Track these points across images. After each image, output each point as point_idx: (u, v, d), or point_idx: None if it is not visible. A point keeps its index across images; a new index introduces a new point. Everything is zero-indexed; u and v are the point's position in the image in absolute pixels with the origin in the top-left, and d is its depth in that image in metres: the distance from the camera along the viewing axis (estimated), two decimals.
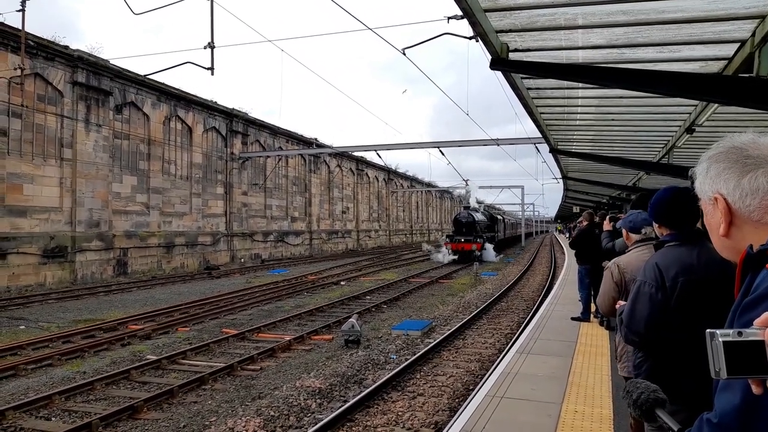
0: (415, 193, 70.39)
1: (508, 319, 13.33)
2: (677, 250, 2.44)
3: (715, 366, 0.87)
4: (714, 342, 0.88)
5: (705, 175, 1.21)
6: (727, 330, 0.88)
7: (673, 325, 2.30)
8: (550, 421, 4.98)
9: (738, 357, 0.86)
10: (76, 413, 7.05)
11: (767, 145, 1.14)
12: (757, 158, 1.13)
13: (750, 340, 0.86)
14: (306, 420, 6.64)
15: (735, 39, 4.86)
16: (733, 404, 0.97)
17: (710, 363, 0.88)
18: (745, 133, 1.19)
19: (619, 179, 17.87)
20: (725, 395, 0.99)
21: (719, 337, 0.87)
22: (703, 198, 1.24)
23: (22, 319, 13.67)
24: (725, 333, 0.87)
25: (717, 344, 0.87)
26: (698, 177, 1.25)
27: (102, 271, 21.86)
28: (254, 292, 18.32)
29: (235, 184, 31.64)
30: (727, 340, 0.87)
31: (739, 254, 1.10)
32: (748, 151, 1.14)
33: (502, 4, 4.58)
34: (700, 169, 1.25)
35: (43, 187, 19.97)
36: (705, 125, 7.85)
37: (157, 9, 12.13)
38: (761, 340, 0.85)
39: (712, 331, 0.89)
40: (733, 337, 0.86)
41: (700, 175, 1.24)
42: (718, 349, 0.87)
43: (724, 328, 0.90)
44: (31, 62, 19.08)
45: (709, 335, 0.89)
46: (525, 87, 7.27)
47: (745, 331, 0.87)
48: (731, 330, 0.87)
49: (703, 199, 1.25)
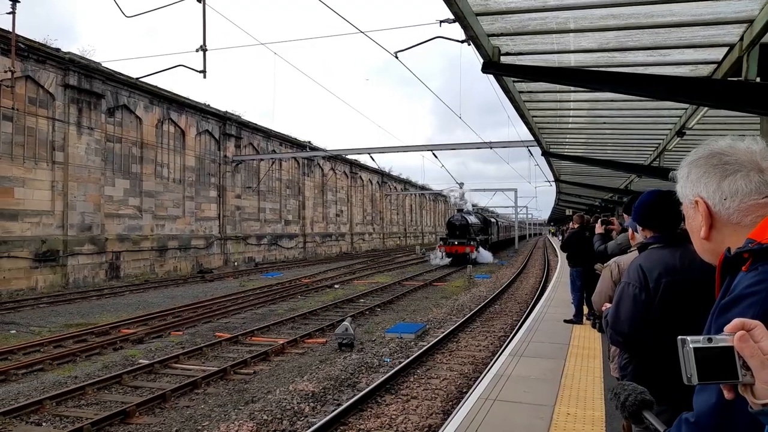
0: (408, 196, 70.44)
1: (502, 322, 13.36)
2: (660, 252, 2.48)
3: (687, 372, 0.88)
4: (685, 348, 0.88)
5: (686, 179, 1.23)
6: (698, 337, 0.88)
7: (656, 326, 2.33)
8: (543, 424, 4.99)
9: (708, 363, 0.87)
10: (67, 418, 7.00)
11: (745, 150, 1.16)
12: (735, 163, 1.15)
13: (720, 347, 0.87)
14: (299, 424, 6.62)
15: (724, 43, 4.91)
16: (709, 404, 0.99)
17: (682, 369, 0.89)
18: (724, 138, 1.21)
19: (611, 182, 17.98)
20: (702, 396, 1.01)
21: (690, 343, 0.88)
22: (685, 201, 1.26)
23: (13, 323, 13.55)
24: (695, 339, 0.88)
25: (688, 350, 0.88)
26: (679, 181, 1.27)
27: (94, 275, 21.72)
28: (248, 296, 18.26)
29: (229, 187, 31.55)
30: (697, 346, 0.87)
31: (719, 257, 1.12)
32: (727, 156, 1.17)
33: (494, 7, 4.60)
34: (681, 173, 1.26)
35: (34, 190, 19.83)
36: (695, 128, 7.92)
37: (149, 12, 12.10)
38: (731, 346, 0.86)
39: (683, 338, 0.89)
40: (703, 344, 0.87)
41: (681, 179, 1.26)
42: (689, 355, 0.87)
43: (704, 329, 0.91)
44: (22, 65, 18.97)
45: (680, 342, 0.90)
46: (517, 90, 7.30)
47: (714, 337, 0.87)
48: (701, 336, 0.88)
49: (684, 202, 1.27)
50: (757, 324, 0.88)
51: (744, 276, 1.03)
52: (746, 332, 0.86)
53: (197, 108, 29.13)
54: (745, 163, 1.15)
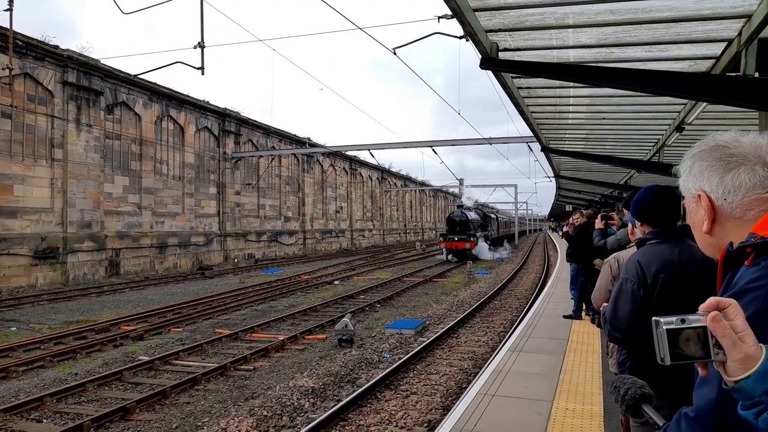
0: (408, 192, 70.41)
1: (501, 317, 13.38)
2: (659, 247, 2.47)
3: (660, 353, 0.90)
4: (659, 330, 0.90)
5: (689, 173, 1.21)
6: (671, 318, 0.89)
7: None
8: (541, 419, 5.01)
9: (681, 343, 0.88)
10: (67, 415, 7.02)
11: (749, 144, 1.15)
12: (739, 156, 1.13)
13: (693, 327, 0.88)
14: (299, 420, 6.64)
15: (722, 38, 4.90)
16: (709, 399, 0.98)
17: (656, 350, 0.91)
18: (728, 131, 1.20)
19: (610, 177, 17.98)
20: (702, 390, 1.01)
21: (663, 325, 0.90)
22: (687, 196, 1.25)
23: (13, 320, 13.57)
24: (669, 321, 0.89)
25: (661, 332, 0.90)
26: (682, 175, 1.26)
27: (94, 272, 21.73)
28: (248, 292, 18.27)
29: (228, 183, 31.53)
30: (670, 327, 0.89)
31: (721, 251, 1.11)
32: (731, 149, 1.15)
33: (491, 3, 4.60)
34: (684, 167, 1.24)
35: (33, 187, 19.81)
36: (694, 123, 7.92)
37: (146, 9, 12.07)
38: (704, 326, 0.87)
39: (656, 319, 0.91)
40: (677, 325, 0.89)
41: (684, 173, 1.24)
42: (663, 336, 0.89)
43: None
44: (20, 62, 18.92)
45: (654, 323, 0.91)
46: (516, 86, 7.29)
47: (688, 317, 0.89)
48: (675, 317, 0.89)
49: (686, 196, 1.25)
50: (732, 302, 0.88)
51: (746, 270, 1.02)
52: (719, 312, 0.87)
53: (196, 105, 29.08)
54: (750, 156, 1.13)
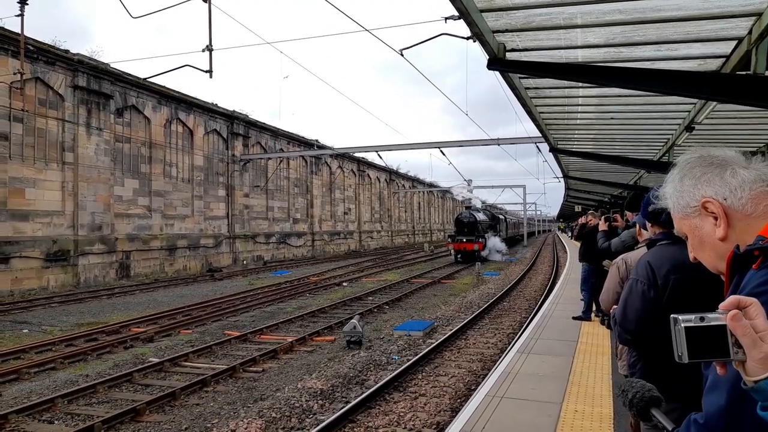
0: (416, 193, 70.35)
1: (510, 319, 13.33)
2: (669, 248, 2.45)
3: (678, 350, 0.90)
4: (677, 327, 0.90)
5: (680, 190, 1.20)
6: (690, 315, 0.89)
7: (664, 323, 2.30)
8: (550, 421, 4.98)
9: (700, 341, 0.88)
10: (78, 416, 7.08)
11: (723, 153, 1.19)
12: (724, 158, 1.17)
13: (712, 325, 0.88)
14: (308, 421, 6.65)
15: (732, 37, 4.85)
16: (719, 405, 0.97)
17: (674, 348, 0.90)
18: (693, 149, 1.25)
19: (619, 178, 17.86)
20: (712, 396, 0.99)
21: (681, 322, 0.89)
22: (684, 214, 1.21)
23: (25, 322, 13.71)
24: (687, 318, 0.89)
25: (679, 329, 0.89)
26: (671, 198, 1.23)
27: (105, 275, 21.90)
28: (256, 294, 18.33)
29: (237, 186, 31.66)
30: (689, 325, 0.89)
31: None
32: (714, 157, 1.19)
33: (498, 4, 4.58)
34: (670, 188, 1.23)
35: (45, 191, 20.01)
36: (704, 123, 7.84)
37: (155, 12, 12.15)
38: (723, 325, 0.87)
39: (675, 316, 0.91)
40: (695, 323, 0.88)
41: (674, 195, 1.22)
42: (681, 334, 0.89)
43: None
44: (31, 66, 19.13)
45: (672, 321, 0.91)
46: (523, 87, 7.27)
47: (707, 315, 0.88)
48: (694, 315, 0.89)
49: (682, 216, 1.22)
50: (753, 301, 0.88)
51: (754, 274, 1.01)
52: (739, 311, 0.86)
53: (205, 108, 29.24)
54: (732, 159, 1.16)
